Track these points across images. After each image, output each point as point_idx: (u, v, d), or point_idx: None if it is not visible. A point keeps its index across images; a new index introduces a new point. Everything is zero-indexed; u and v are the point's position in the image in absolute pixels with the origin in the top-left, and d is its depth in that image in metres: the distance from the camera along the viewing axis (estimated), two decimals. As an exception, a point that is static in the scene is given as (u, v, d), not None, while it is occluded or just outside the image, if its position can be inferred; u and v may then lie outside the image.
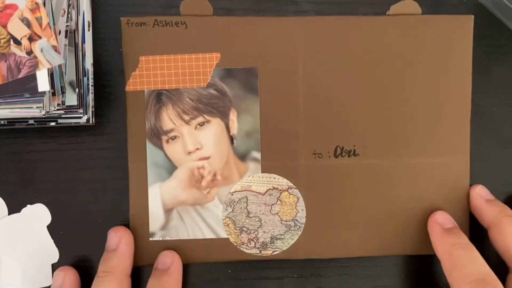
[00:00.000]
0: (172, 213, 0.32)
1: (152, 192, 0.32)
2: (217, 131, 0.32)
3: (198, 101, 0.32)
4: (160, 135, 0.32)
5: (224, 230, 0.32)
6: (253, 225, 0.32)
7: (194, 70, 0.32)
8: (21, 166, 0.33)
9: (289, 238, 0.33)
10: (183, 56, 0.32)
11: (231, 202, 0.32)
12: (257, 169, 0.33)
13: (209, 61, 0.32)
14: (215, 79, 0.32)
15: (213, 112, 0.32)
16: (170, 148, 0.32)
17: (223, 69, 0.32)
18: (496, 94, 0.35)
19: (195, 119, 0.32)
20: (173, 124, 0.32)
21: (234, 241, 0.32)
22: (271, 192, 0.33)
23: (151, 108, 0.32)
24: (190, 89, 0.32)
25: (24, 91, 0.29)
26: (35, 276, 0.33)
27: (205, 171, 0.32)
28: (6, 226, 0.33)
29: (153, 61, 0.32)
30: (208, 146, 0.32)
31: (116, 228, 0.32)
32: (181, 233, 0.32)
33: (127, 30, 0.32)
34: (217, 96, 0.32)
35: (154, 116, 0.32)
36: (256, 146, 0.32)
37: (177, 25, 0.32)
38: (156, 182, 0.32)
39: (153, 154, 0.32)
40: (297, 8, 0.34)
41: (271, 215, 0.33)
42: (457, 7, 0.34)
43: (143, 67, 0.32)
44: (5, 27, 0.29)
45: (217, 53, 0.32)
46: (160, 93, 0.32)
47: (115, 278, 0.30)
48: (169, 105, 0.32)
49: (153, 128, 0.32)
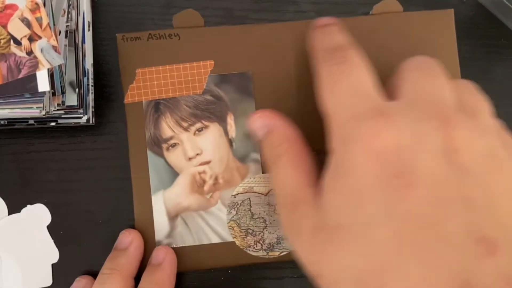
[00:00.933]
0: (177, 220, 0.32)
1: (155, 200, 0.32)
2: (215, 135, 0.32)
3: (196, 108, 0.32)
4: (160, 143, 0.32)
5: (230, 233, 0.32)
6: (258, 227, 0.32)
7: (189, 78, 0.32)
8: (21, 166, 0.33)
9: None
10: (178, 65, 0.32)
11: (234, 205, 0.32)
12: (257, 170, 0.33)
13: (203, 68, 0.32)
14: (210, 85, 0.32)
15: (211, 117, 0.32)
16: (170, 155, 0.32)
17: (217, 75, 0.33)
18: (496, 94, 0.35)
19: (193, 125, 0.32)
20: (172, 131, 0.32)
21: (240, 244, 0.32)
22: (273, 192, 0.33)
23: (150, 117, 0.32)
24: (187, 97, 0.32)
25: (24, 91, 0.29)
26: (35, 276, 0.33)
27: (206, 176, 0.32)
28: (6, 226, 0.33)
29: (149, 73, 0.32)
30: (208, 151, 0.32)
31: (129, 229, 0.32)
32: (187, 240, 0.32)
33: (122, 45, 0.32)
34: (214, 102, 0.32)
35: (153, 125, 0.32)
36: (255, 147, 0.33)
37: (170, 37, 0.32)
38: (159, 190, 0.32)
39: (154, 163, 0.32)
40: (297, 8, 0.34)
41: (276, 215, 0.33)
42: (457, 7, 0.34)
43: (140, 79, 0.32)
44: (5, 27, 0.29)
45: (210, 60, 0.32)
46: (158, 103, 0.32)
47: (120, 277, 0.30)
48: (167, 114, 0.32)
49: (153, 137, 0.32)
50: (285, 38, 0.33)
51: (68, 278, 0.33)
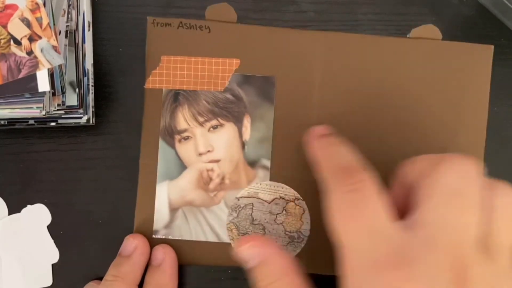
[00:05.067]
0: (177, 213, 0.32)
1: (160, 190, 0.32)
2: (229, 135, 0.32)
3: (214, 104, 0.32)
4: (174, 134, 0.32)
5: (227, 235, 0.32)
6: (256, 233, 0.32)
7: (213, 74, 0.32)
8: (21, 166, 0.33)
9: (292, 250, 0.32)
10: (203, 59, 0.32)
11: (236, 207, 0.32)
12: (265, 177, 0.32)
13: (228, 66, 0.32)
14: (232, 84, 0.32)
15: (228, 117, 0.32)
16: (182, 147, 0.32)
17: (241, 75, 0.32)
18: (496, 94, 0.35)
19: (209, 121, 0.32)
20: (187, 124, 0.32)
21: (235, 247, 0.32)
22: (277, 201, 0.32)
23: (168, 106, 0.32)
24: (207, 92, 0.32)
25: (24, 91, 0.29)
26: (35, 276, 0.33)
27: (214, 174, 0.32)
28: (6, 226, 0.33)
29: (174, 61, 0.32)
30: (219, 149, 0.32)
31: (134, 234, 0.32)
32: (184, 234, 0.32)
33: (152, 29, 0.32)
34: (233, 101, 0.32)
35: (169, 115, 0.32)
36: (267, 154, 0.32)
37: (201, 28, 0.32)
38: (164, 180, 0.32)
39: (164, 152, 0.32)
40: (297, 8, 0.34)
41: (276, 224, 0.32)
42: (458, 7, 0.34)
43: (164, 66, 0.32)
44: (5, 27, 0.29)
45: (237, 59, 0.32)
46: (177, 93, 0.32)
47: (123, 285, 0.30)
48: (185, 106, 0.32)
49: (167, 126, 0.32)
50: (313, 46, 0.32)
51: (68, 278, 0.33)
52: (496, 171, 0.35)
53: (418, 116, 0.33)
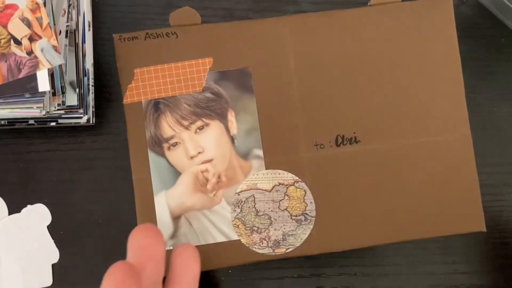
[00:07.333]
0: (180, 220, 0.32)
1: (158, 201, 0.32)
2: (217, 133, 0.32)
3: (196, 106, 0.32)
4: (161, 143, 0.32)
5: (235, 232, 0.32)
6: (263, 224, 0.32)
7: (188, 76, 0.32)
8: (21, 166, 0.33)
9: (302, 233, 0.32)
10: (176, 64, 0.32)
11: (238, 203, 0.32)
12: (260, 167, 0.33)
13: (202, 66, 0.32)
14: (210, 82, 0.32)
15: (211, 115, 0.32)
16: (172, 155, 0.32)
17: (216, 72, 0.33)
18: (496, 94, 0.35)
19: (194, 123, 0.32)
20: (173, 131, 0.32)
21: (246, 242, 0.32)
22: (277, 188, 0.33)
23: (150, 117, 0.32)
24: (187, 95, 0.32)
25: (25, 91, 0.29)
26: (35, 276, 0.33)
27: (209, 174, 0.32)
28: (6, 226, 0.33)
29: (147, 72, 0.32)
30: (209, 149, 0.32)
31: None
32: (192, 240, 0.32)
33: (119, 45, 0.32)
34: (214, 99, 0.32)
35: (153, 125, 0.32)
36: (257, 144, 0.32)
37: (168, 36, 0.32)
38: (161, 190, 0.32)
39: (156, 163, 0.32)
40: (297, 8, 0.34)
41: (280, 211, 0.32)
42: (458, 7, 0.34)
43: (139, 79, 0.32)
44: (6, 27, 0.29)
45: (209, 58, 0.32)
46: (157, 102, 0.32)
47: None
48: (167, 113, 0.32)
49: (153, 136, 0.32)
50: (282, 32, 0.33)
51: (68, 278, 0.33)
52: (497, 171, 0.35)
53: (395, 77, 0.33)
